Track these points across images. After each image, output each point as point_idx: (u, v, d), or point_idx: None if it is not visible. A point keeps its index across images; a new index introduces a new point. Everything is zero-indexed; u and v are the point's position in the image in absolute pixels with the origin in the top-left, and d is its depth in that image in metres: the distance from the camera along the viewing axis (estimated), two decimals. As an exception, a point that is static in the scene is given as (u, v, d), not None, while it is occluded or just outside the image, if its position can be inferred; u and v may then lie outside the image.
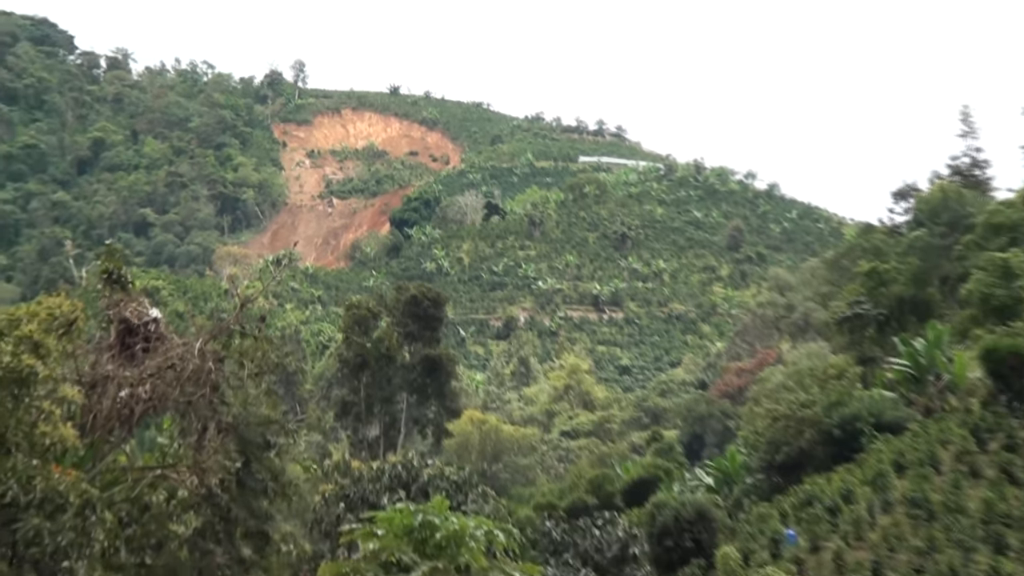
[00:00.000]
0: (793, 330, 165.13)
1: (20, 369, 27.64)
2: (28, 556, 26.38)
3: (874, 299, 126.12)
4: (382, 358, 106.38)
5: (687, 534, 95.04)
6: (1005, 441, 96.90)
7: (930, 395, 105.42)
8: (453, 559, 45.20)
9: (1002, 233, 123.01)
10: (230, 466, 33.77)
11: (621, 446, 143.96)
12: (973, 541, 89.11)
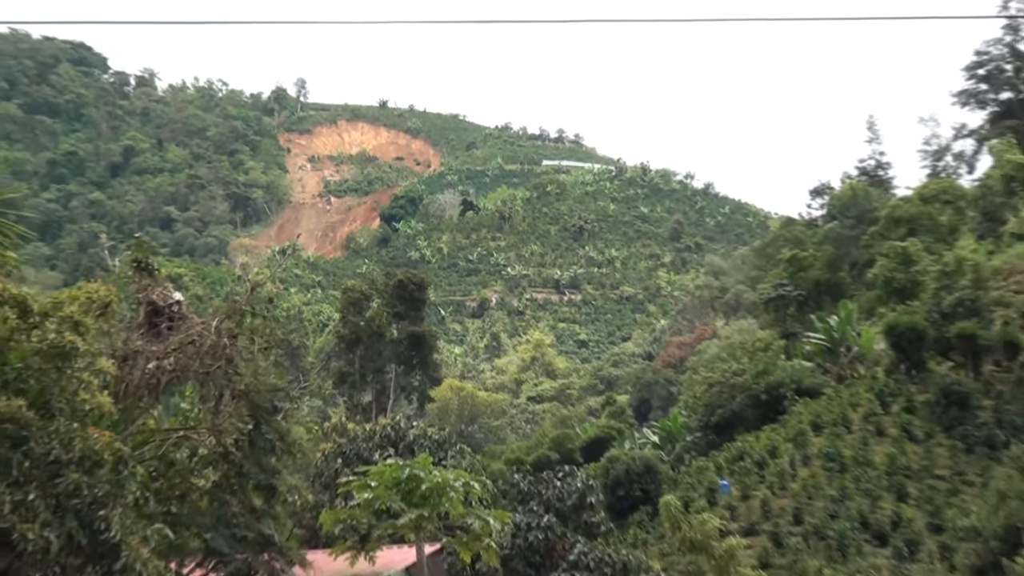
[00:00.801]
0: (726, 309, 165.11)
1: (63, 345, 27.77)
2: (70, 507, 26.54)
3: (795, 282, 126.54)
4: (374, 334, 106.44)
5: (636, 485, 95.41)
6: (905, 404, 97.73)
7: (842, 364, 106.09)
8: (435, 507, 45.44)
9: (901, 225, 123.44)
10: (243, 428, 33.92)
11: (579, 409, 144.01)
12: (879, 490, 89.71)
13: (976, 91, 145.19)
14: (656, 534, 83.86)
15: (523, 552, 58.32)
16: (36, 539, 26.05)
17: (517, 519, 57.71)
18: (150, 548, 29.09)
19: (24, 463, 26.42)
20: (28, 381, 27.06)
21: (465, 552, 47.36)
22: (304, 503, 38.85)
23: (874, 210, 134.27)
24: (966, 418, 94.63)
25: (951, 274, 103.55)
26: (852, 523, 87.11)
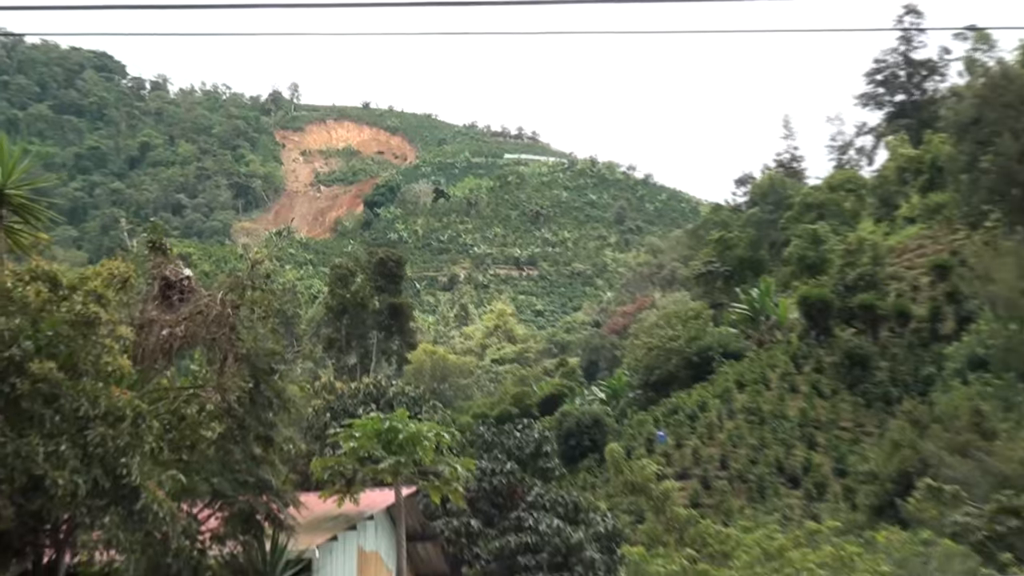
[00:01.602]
0: (663, 283, 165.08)
1: (88, 315, 27.80)
2: (95, 456, 26.63)
3: (722, 260, 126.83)
4: (358, 305, 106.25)
5: (585, 436, 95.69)
6: (814, 365, 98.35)
7: (762, 331, 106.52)
8: (411, 455, 45.55)
9: (812, 210, 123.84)
10: (244, 386, 33.98)
11: (536, 370, 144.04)
12: (792, 440, 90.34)
13: (875, 94, 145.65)
14: (602, 478, 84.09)
15: (488, 494, 58.45)
16: (66, 484, 26.16)
17: (482, 465, 57.82)
18: (165, 491, 29.21)
19: (55, 418, 26.53)
20: (58, 346, 27.13)
21: (436, 494, 47.52)
22: (297, 452, 38.94)
23: (789, 197, 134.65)
24: (866, 377, 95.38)
25: (853, 252, 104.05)
26: (770, 468, 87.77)
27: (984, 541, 60.13)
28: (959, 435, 77.04)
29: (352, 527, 42.77)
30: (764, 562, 59.75)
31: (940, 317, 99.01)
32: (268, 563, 34.94)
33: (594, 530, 59.01)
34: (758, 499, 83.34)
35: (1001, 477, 69.00)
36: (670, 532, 68.89)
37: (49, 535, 29.02)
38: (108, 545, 29.51)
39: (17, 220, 31.34)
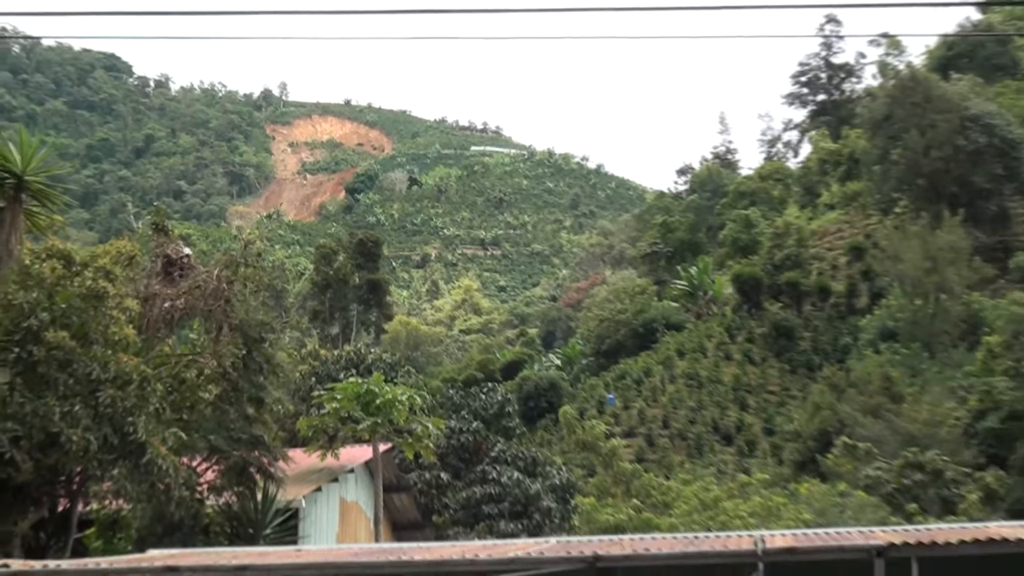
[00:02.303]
0: (613, 262, 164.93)
1: (98, 289, 27.85)
2: (105, 415, 26.72)
3: (665, 241, 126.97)
4: (340, 281, 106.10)
5: (543, 398, 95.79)
6: (747, 335, 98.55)
7: (700, 305, 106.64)
8: (387, 415, 45.61)
9: (745, 198, 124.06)
10: (238, 353, 34.01)
11: (499, 339, 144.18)
12: (726, 402, 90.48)
13: (800, 94, 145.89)
14: (558, 436, 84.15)
15: (455, 450, 58.49)
16: (79, 440, 26.25)
17: (451, 424, 57.81)
18: (167, 447, 29.34)
19: (69, 381, 26.59)
20: (71, 317, 27.19)
21: (410, 450, 47.61)
22: (286, 412, 38.99)
23: (724, 186, 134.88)
24: (791, 346, 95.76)
25: (781, 235, 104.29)
26: (706, 427, 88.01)
27: (893, 493, 60.48)
28: (871, 398, 77.41)
29: (334, 479, 42.84)
30: (701, 511, 59.94)
31: (855, 293, 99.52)
32: (260, 512, 34.98)
33: (550, 482, 59.10)
34: (696, 455, 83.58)
35: (908, 436, 69.38)
36: (617, 484, 69.05)
37: (64, 486, 29.04)
38: (117, 495, 30.04)
39: (35, 204, 31.45)
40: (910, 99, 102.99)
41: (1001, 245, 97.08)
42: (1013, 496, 61.06)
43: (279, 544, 33.09)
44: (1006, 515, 53.63)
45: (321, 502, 41.04)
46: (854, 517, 51.97)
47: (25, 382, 26.57)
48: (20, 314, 26.72)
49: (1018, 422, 66.99)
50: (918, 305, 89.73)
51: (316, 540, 38.23)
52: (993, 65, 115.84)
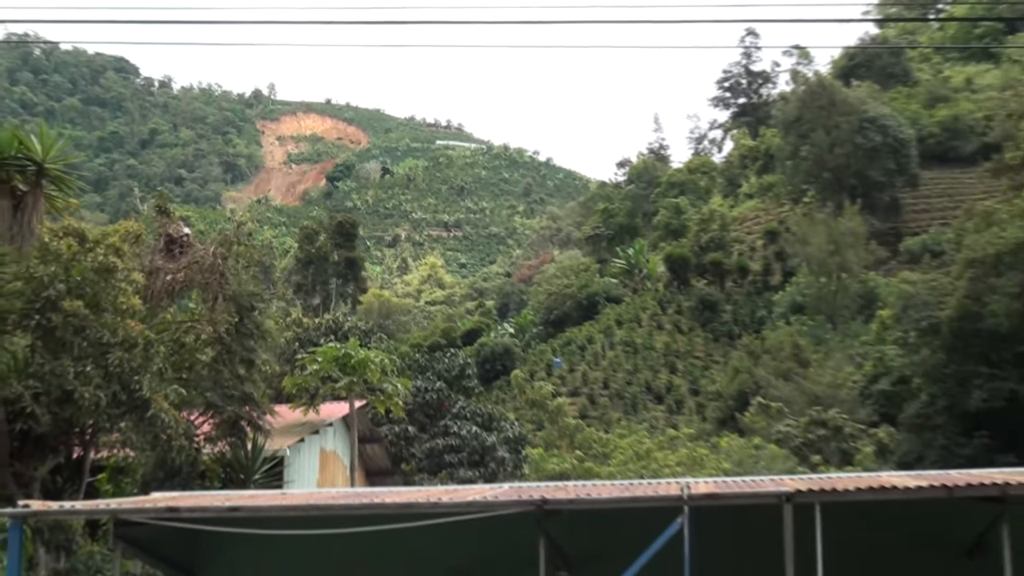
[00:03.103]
0: (560, 243, 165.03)
1: (108, 264, 27.83)
2: (114, 374, 26.75)
3: (606, 225, 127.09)
4: (321, 258, 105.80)
5: (498, 361, 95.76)
6: (676, 308, 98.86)
7: (636, 281, 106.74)
8: (362, 375, 45.69)
9: (675, 188, 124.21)
10: (231, 320, 34.03)
11: (460, 310, 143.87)
12: (658, 366, 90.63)
13: (723, 97, 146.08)
14: (511, 395, 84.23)
15: (421, 407, 58.53)
16: (91, 397, 26.29)
17: (417, 384, 57.86)
18: (169, 402, 29.36)
19: (83, 344, 26.59)
20: (85, 289, 27.15)
21: (381, 406, 47.78)
22: (273, 372, 39.10)
23: (658, 177, 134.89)
24: (714, 318, 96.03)
25: (706, 221, 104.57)
26: (641, 388, 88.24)
27: (800, 446, 60.85)
28: (783, 364, 77.87)
29: (315, 432, 42.92)
30: (635, 461, 60.14)
31: (770, 272, 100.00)
32: (249, 459, 35.07)
33: (504, 435, 59.20)
34: (631, 412, 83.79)
35: (813, 396, 69.86)
36: (563, 438, 69.26)
37: (77, 437, 29.03)
38: (124, 445, 30.12)
39: (54, 188, 31.35)
40: (817, 103, 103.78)
41: (893, 231, 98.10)
42: (902, 449, 61.52)
43: (266, 488, 33.12)
44: (895, 466, 54.07)
45: (304, 452, 41.14)
46: (767, 467, 52.29)
47: (44, 345, 26.54)
48: (40, 285, 26.72)
49: (906, 385, 67.40)
50: (823, 283, 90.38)
51: (299, 485, 38.29)
52: (888, 74, 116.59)
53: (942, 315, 64.28)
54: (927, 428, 62.30)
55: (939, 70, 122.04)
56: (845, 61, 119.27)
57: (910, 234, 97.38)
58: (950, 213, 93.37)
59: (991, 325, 61.32)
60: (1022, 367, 60.65)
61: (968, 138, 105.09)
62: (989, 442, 56.75)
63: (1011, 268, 61.52)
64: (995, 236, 64.44)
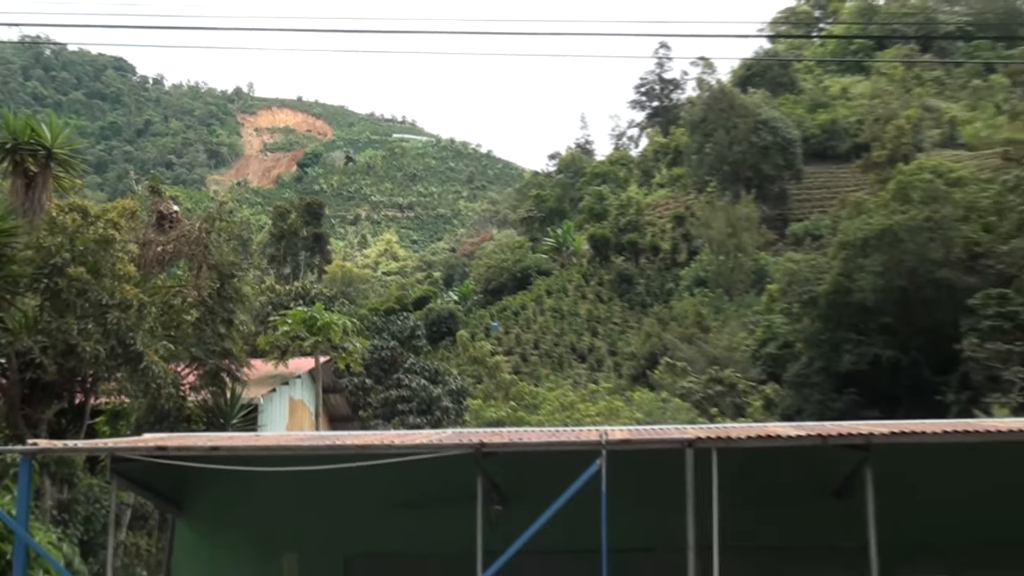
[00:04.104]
0: (498, 223, 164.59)
1: (107, 236, 27.71)
2: (112, 331, 26.58)
3: (538, 209, 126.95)
4: (292, 233, 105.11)
5: (444, 324, 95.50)
6: (598, 280, 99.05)
7: (563, 257, 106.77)
8: (326, 335, 45.63)
9: (598, 177, 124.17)
10: (213, 286, 33.88)
11: (412, 280, 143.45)
12: (582, 330, 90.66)
13: (640, 100, 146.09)
14: (454, 353, 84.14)
15: (377, 362, 58.42)
16: (91, 350, 26.18)
17: (374, 343, 57.78)
18: (159, 356, 29.33)
19: (85, 305, 26.46)
20: (87, 257, 27.03)
21: (342, 362, 47.78)
22: (249, 331, 39.02)
23: (583, 168, 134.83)
24: (630, 289, 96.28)
25: (624, 206, 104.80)
26: (566, 349, 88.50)
27: (700, 400, 61.33)
28: (687, 329, 78.44)
29: (285, 383, 42.80)
30: (561, 411, 60.47)
31: (678, 250, 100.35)
32: (228, 406, 34.92)
33: (448, 388, 59.18)
34: (558, 369, 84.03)
35: (712, 357, 70.43)
36: (499, 390, 69.44)
37: (79, 385, 28.84)
38: (119, 392, 30.17)
39: (61, 170, 31.46)
40: (719, 107, 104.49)
41: (780, 217, 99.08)
42: (785, 404, 62.25)
43: (243, 431, 33.00)
44: (779, 418, 54.77)
45: (275, 400, 41.01)
46: (672, 418, 52.66)
47: (51, 306, 26.63)
48: (48, 254, 26.71)
49: (789, 349, 68.19)
50: (721, 260, 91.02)
51: (271, 429, 38.18)
52: (778, 83, 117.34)
53: (819, 290, 65.07)
54: (806, 386, 63.07)
55: (820, 80, 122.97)
56: (743, 71, 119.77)
57: (795, 220, 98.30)
58: (827, 203, 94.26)
59: (859, 299, 62.20)
60: (884, 335, 61.58)
61: (843, 139, 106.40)
62: (857, 398, 57.57)
63: (876, 250, 62.39)
64: (863, 223, 65.24)
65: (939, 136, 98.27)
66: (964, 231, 62.94)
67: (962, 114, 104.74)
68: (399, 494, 18.53)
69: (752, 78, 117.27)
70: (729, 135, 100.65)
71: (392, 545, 19.10)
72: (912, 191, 65.13)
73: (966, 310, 57.55)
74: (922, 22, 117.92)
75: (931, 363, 59.68)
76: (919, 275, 61.15)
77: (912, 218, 62.34)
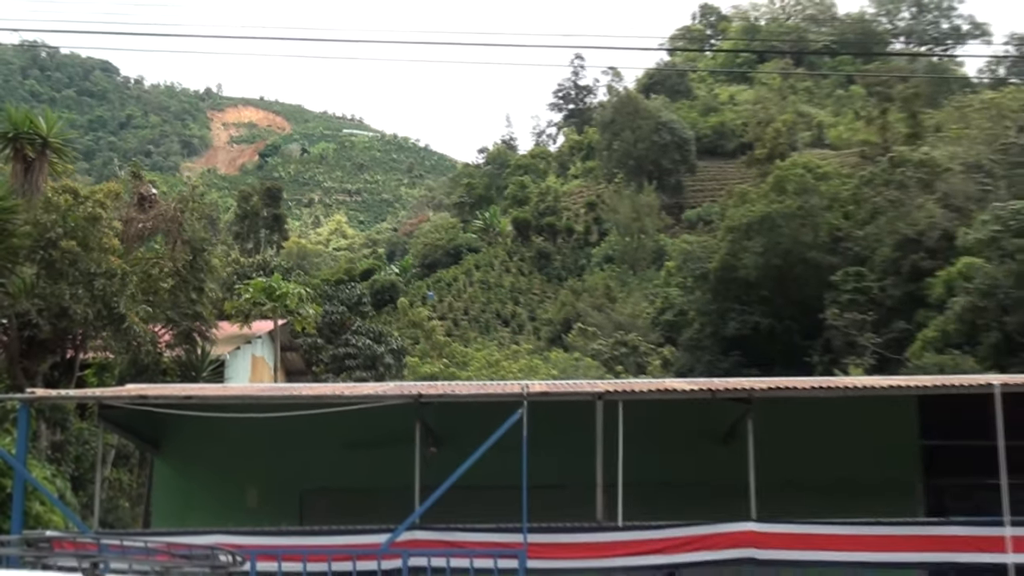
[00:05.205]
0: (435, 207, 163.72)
1: (95, 214, 27.70)
2: (99, 296, 26.57)
3: (469, 195, 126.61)
4: (254, 214, 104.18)
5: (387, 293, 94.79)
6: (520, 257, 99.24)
7: (490, 236, 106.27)
8: (283, 302, 45.51)
9: (521, 169, 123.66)
10: (186, 259, 33.79)
11: (359, 255, 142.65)
12: (506, 299, 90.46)
13: (557, 103, 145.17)
14: (396, 318, 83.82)
15: (328, 325, 58.18)
16: (81, 312, 26.34)
17: (325, 308, 57.56)
18: (139, 318, 29.27)
19: (75, 273, 26.54)
20: (78, 232, 27.04)
21: (298, 324, 47.65)
22: (217, 297, 38.99)
23: (508, 161, 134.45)
24: (548, 265, 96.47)
25: (543, 194, 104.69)
26: (492, 315, 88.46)
27: (608, 360, 61.72)
28: (597, 299, 78.79)
29: (248, 342, 42.56)
30: (487, 368, 60.62)
31: (589, 232, 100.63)
32: (199, 361, 34.78)
33: (390, 347, 59.10)
34: (485, 333, 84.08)
35: (618, 323, 70.87)
36: (434, 350, 69.48)
37: (70, 342, 28.83)
38: (105, 349, 30.08)
39: (55, 157, 31.40)
40: (626, 110, 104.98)
41: (677, 204, 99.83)
42: (680, 363, 62.85)
43: (211, 383, 32.86)
44: (675, 375, 55.19)
45: (239, 357, 40.80)
46: (584, 374, 53.03)
47: (47, 274, 26.65)
48: (44, 229, 26.86)
49: (684, 316, 68.84)
50: (627, 241, 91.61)
51: (236, 381, 37.99)
52: (675, 90, 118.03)
53: (710, 267, 65.76)
54: (698, 348, 63.79)
55: (711, 89, 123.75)
56: (646, 80, 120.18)
57: (689, 207, 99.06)
58: (717, 193, 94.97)
59: (743, 275, 62.98)
60: (763, 306, 62.46)
61: (730, 139, 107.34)
62: (740, 359, 58.29)
63: (757, 234, 63.21)
64: (747, 210, 66.01)
65: (809, 137, 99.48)
66: (828, 218, 64.11)
67: (828, 119, 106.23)
68: (348, 437, 18.64)
69: (654, 86, 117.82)
70: (634, 134, 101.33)
71: (341, 482, 19.24)
72: (787, 184, 66.04)
73: (829, 285, 58.67)
74: (795, 40, 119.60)
75: (800, 330, 60.69)
76: (792, 255, 62.12)
77: (787, 207, 63.29)
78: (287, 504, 19.37)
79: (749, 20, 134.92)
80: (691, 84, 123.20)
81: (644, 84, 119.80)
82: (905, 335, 52.34)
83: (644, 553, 15.97)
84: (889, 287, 56.99)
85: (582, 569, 16.35)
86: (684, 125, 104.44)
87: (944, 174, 60.12)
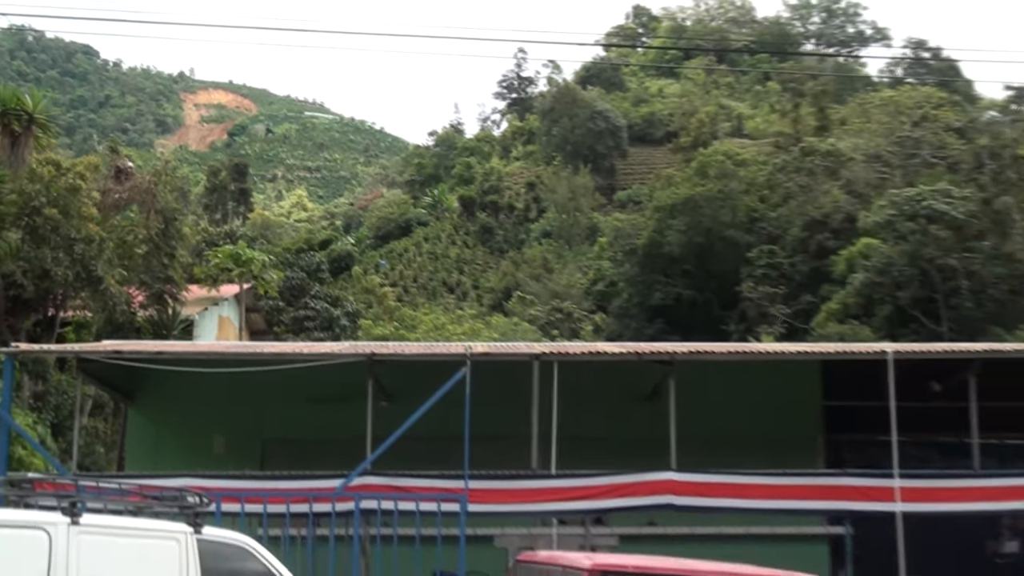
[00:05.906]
0: (388, 184, 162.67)
1: (75, 185, 27.50)
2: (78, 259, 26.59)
3: (419, 174, 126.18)
4: (222, 187, 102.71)
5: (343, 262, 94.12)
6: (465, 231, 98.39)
7: (439, 212, 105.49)
8: (249, 267, 45.19)
9: (467, 151, 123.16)
10: (159, 227, 33.63)
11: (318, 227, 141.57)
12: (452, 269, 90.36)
13: (502, 92, 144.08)
14: (351, 284, 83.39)
15: (289, 289, 57.76)
16: (62, 274, 26.39)
17: (287, 274, 57.16)
18: (115, 280, 29.06)
19: (57, 239, 26.52)
20: (59, 201, 26.99)
21: (262, 288, 47.47)
22: (187, 263, 38.82)
23: (456, 143, 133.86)
24: (491, 238, 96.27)
25: (487, 174, 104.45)
26: (439, 283, 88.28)
27: (544, 325, 62.07)
28: (535, 270, 79.06)
29: (215, 304, 42.38)
30: (434, 330, 60.68)
31: (529, 209, 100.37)
32: (170, 321, 34.60)
33: (345, 310, 58.90)
34: (432, 299, 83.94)
35: (554, 292, 71.16)
36: (385, 314, 69.37)
37: (51, 301, 28.71)
38: (83, 308, 30.13)
39: (39, 132, 31.41)
40: (564, 99, 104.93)
41: (610, 186, 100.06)
42: (610, 329, 63.23)
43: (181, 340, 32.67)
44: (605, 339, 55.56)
45: (207, 317, 40.63)
46: (522, 337, 53.21)
47: (31, 239, 26.59)
48: (28, 198, 26.83)
49: (614, 287, 69.20)
50: (564, 218, 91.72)
51: (204, 339, 37.80)
52: (610, 82, 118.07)
53: (638, 242, 66.16)
54: (626, 316, 64.20)
55: (642, 82, 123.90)
56: (583, 72, 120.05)
57: (620, 189, 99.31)
58: (646, 176, 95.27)
59: (668, 251, 63.46)
60: (686, 279, 63.01)
61: (659, 127, 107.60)
62: (664, 327, 58.77)
63: (681, 214, 63.69)
64: (672, 193, 66.46)
65: (729, 128, 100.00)
66: (745, 201, 64.76)
67: (746, 111, 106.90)
68: (306, 392, 18.72)
69: (590, 78, 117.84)
70: (571, 121, 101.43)
71: (300, 432, 19.37)
72: (709, 169, 66.55)
73: (745, 261, 59.37)
74: (718, 39, 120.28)
75: (719, 301, 61.39)
76: (712, 234, 62.72)
77: (708, 190, 63.82)
78: (250, 452, 19.45)
79: (677, 21, 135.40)
80: (624, 77, 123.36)
81: (581, 76, 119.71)
82: (811, 307, 53.18)
83: (574, 499, 16.28)
84: (798, 263, 57.81)
85: (518, 512, 16.64)
86: (617, 114, 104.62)
87: (848, 163, 61.02)
